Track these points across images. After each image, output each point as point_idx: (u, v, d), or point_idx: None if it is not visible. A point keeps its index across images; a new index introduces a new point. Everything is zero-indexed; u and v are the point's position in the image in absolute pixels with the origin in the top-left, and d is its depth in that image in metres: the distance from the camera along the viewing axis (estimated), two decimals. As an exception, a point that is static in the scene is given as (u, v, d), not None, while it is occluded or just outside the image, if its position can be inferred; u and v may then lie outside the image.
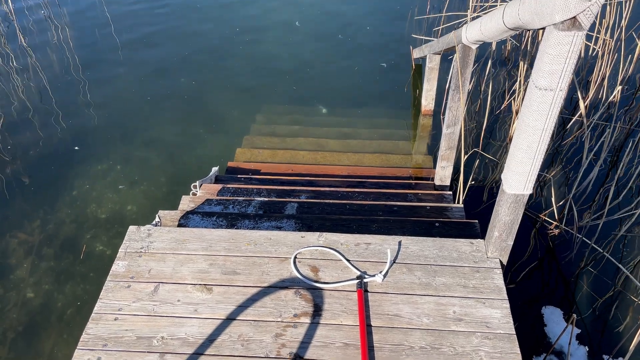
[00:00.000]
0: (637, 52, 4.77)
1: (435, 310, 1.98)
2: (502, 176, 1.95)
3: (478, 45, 2.62)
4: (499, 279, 2.09)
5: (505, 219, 2.01)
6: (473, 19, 5.44)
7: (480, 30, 2.29)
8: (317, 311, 1.99)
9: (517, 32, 2.24)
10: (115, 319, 1.97)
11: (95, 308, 2.01)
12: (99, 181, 3.89)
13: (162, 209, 3.45)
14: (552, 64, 1.56)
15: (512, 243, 2.12)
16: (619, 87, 4.44)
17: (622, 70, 4.71)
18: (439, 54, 4.21)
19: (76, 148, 4.20)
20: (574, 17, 1.45)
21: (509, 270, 3.14)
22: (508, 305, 2.00)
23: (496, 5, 5.51)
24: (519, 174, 1.85)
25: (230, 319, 1.97)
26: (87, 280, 3.17)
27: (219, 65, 5.24)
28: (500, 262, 2.17)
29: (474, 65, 4.87)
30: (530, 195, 3.62)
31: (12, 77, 5.06)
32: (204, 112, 4.61)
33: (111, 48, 5.53)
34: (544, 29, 1.61)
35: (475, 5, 5.69)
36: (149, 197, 3.77)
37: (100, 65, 5.25)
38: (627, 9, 4.64)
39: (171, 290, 2.06)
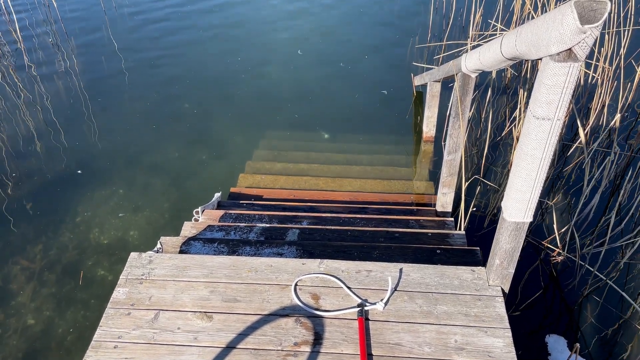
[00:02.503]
0: (636, 80, 4.82)
1: (437, 339, 1.97)
2: (502, 204, 1.96)
3: (477, 74, 2.66)
4: (500, 307, 2.08)
5: (506, 246, 2.01)
6: (473, 47, 5.53)
7: (479, 59, 2.33)
8: (318, 340, 1.98)
9: (515, 62, 2.28)
10: (114, 347, 1.96)
11: (95, 336, 2.00)
12: (102, 207, 3.91)
13: (164, 234, 3.46)
14: (549, 94, 1.58)
15: (513, 271, 2.12)
16: (619, 115, 4.47)
17: (622, 97, 4.75)
18: (440, 82, 4.26)
19: (79, 172, 4.24)
20: (570, 48, 1.48)
21: (512, 298, 3.12)
22: (510, 334, 1.98)
23: (496, 35, 5.60)
24: (519, 202, 1.86)
25: (230, 347, 1.95)
26: (88, 306, 3.16)
27: (222, 92, 5.31)
28: (502, 290, 2.16)
29: (474, 92, 4.93)
30: (532, 222, 3.62)
31: (17, 102, 5.13)
32: (207, 139, 4.65)
33: (116, 74, 5.62)
34: (541, 59, 1.64)
35: (475, 35, 5.78)
36: (152, 222, 3.78)
37: (105, 91, 5.32)
38: (625, 37, 4.71)
39: (171, 318, 2.06)
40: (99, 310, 3.12)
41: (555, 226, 3.46)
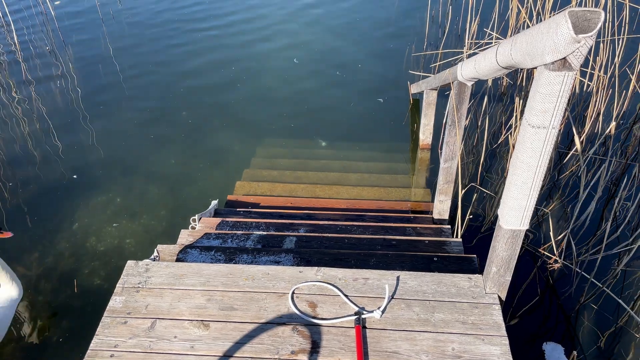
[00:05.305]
0: (631, 88, 4.86)
1: (434, 347, 1.96)
2: (499, 212, 1.96)
3: (473, 82, 2.68)
4: (497, 315, 2.08)
5: (503, 254, 2.01)
6: (469, 56, 5.56)
7: (474, 68, 2.34)
8: (315, 348, 1.97)
9: (511, 70, 2.30)
10: (110, 356, 1.95)
11: (91, 345, 1.99)
12: (99, 214, 3.90)
13: (161, 242, 3.46)
14: (544, 102, 1.59)
15: (510, 278, 2.12)
16: (614, 123, 4.50)
17: (617, 105, 4.78)
18: (436, 90, 4.28)
19: (75, 177, 4.24)
20: (564, 58, 1.49)
21: (509, 305, 3.12)
22: (507, 342, 1.98)
23: (491, 43, 5.63)
24: (515, 210, 1.86)
25: (227, 356, 1.95)
26: (84, 314, 3.15)
27: (219, 101, 5.32)
28: (499, 297, 2.16)
29: (470, 100, 4.96)
30: (529, 230, 3.63)
31: (14, 110, 5.13)
32: (204, 146, 4.66)
33: (113, 82, 5.62)
34: (536, 68, 1.65)
35: (471, 43, 5.82)
36: (149, 230, 3.77)
37: (102, 99, 5.33)
38: (620, 46, 4.75)
39: (168, 326, 2.05)
40: (94, 318, 3.10)
41: (551, 233, 3.47)
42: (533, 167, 1.73)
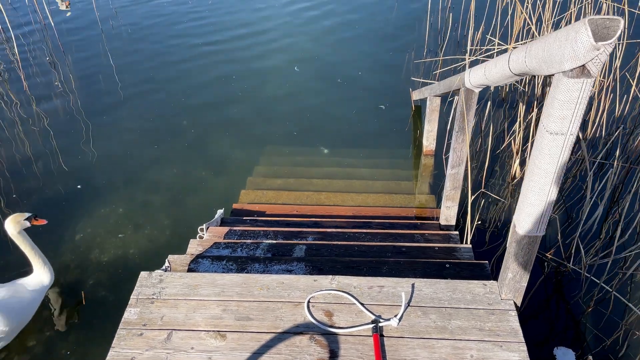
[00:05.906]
0: (631, 92, 4.90)
1: (453, 355, 1.96)
2: (514, 218, 1.97)
3: (481, 88, 2.69)
4: (514, 321, 2.08)
5: (519, 260, 2.02)
6: (471, 62, 5.59)
7: (484, 75, 2.35)
8: (333, 357, 1.96)
9: (523, 77, 2.30)
10: (128, 369, 1.93)
11: (108, 357, 1.97)
12: (102, 225, 3.88)
13: (166, 253, 3.44)
14: (562, 109, 1.60)
15: (525, 284, 2.12)
16: (617, 127, 4.53)
17: (619, 109, 4.82)
18: (440, 97, 4.30)
19: (78, 186, 4.22)
20: (583, 65, 1.50)
21: (519, 310, 3.12)
22: (525, 348, 1.98)
23: (493, 49, 5.67)
24: (532, 216, 1.87)
25: (245, 366, 1.94)
26: (90, 326, 3.12)
27: (220, 109, 5.32)
28: (514, 303, 2.17)
29: (472, 106, 4.96)
30: (535, 234, 3.63)
31: (15, 122, 5.11)
32: (207, 156, 4.65)
33: (114, 93, 5.61)
34: (552, 75, 1.66)
35: (473, 49, 5.85)
36: (153, 240, 3.75)
37: (103, 110, 5.31)
38: (619, 50, 4.79)
39: (184, 338, 2.04)
40: (101, 330, 3.08)
41: (559, 238, 3.48)
42: (550, 174, 1.74)
